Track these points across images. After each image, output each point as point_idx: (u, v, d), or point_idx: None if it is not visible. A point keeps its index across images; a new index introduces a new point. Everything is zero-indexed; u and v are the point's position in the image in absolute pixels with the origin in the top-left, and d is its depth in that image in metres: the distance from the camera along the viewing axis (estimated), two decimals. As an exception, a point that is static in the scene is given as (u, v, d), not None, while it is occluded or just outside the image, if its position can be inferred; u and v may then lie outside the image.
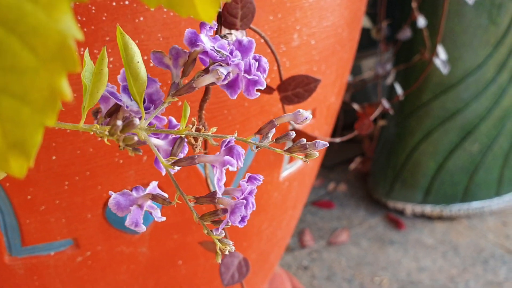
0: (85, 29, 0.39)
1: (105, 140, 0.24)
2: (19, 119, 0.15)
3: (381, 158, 1.22)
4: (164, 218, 0.30)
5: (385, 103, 0.71)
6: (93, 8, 0.38)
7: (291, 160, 0.60)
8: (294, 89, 0.44)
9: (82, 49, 0.39)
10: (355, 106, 0.73)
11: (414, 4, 0.82)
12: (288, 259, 1.07)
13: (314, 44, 0.52)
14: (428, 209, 1.18)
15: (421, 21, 0.82)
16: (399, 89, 0.85)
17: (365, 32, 1.12)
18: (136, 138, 0.23)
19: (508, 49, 1.03)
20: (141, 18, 0.40)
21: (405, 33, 0.88)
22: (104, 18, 0.39)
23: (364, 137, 1.24)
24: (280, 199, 0.61)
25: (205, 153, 0.39)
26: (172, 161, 0.27)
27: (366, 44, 1.40)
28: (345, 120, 1.25)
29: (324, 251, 1.10)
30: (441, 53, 0.75)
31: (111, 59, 0.40)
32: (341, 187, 1.27)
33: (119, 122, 0.23)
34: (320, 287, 1.00)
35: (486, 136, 1.11)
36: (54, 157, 0.43)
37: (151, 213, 0.30)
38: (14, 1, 0.14)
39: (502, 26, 1.01)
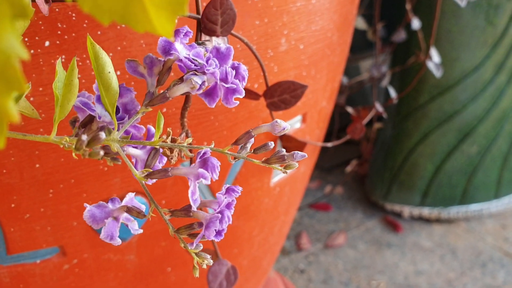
0: (66, 37, 0.38)
1: (73, 154, 0.23)
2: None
3: (378, 160, 1.22)
4: (141, 231, 0.29)
5: (379, 107, 0.70)
6: (74, 15, 0.38)
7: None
8: (281, 95, 0.43)
9: (63, 56, 0.38)
10: (349, 110, 0.72)
11: (408, 6, 0.81)
12: (284, 262, 1.06)
13: (303, 49, 0.51)
14: (426, 211, 1.18)
15: (416, 23, 0.81)
16: (392, 92, 0.85)
17: (362, 34, 1.12)
18: (101, 153, 0.23)
19: (506, 50, 1.02)
20: (123, 25, 0.39)
21: (400, 35, 0.87)
22: (85, 25, 0.38)
23: (361, 139, 1.23)
24: (272, 205, 0.60)
25: (180, 166, 0.38)
26: (146, 173, 0.27)
27: (364, 45, 1.40)
28: (341, 123, 1.24)
29: (321, 254, 1.10)
30: (435, 56, 0.74)
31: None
32: (338, 189, 1.26)
33: (84, 137, 0.22)
34: (316, 291, 0.99)
35: (484, 137, 1.10)
36: (37, 165, 0.42)
37: (127, 226, 0.30)
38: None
39: (499, 27, 1.00)
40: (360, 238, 1.15)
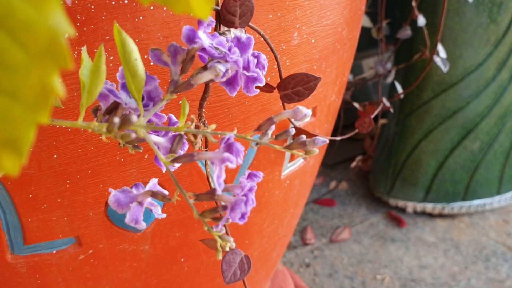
0: (85, 28, 0.39)
1: (103, 137, 0.24)
2: (11, 117, 0.15)
3: (382, 156, 1.22)
4: (164, 215, 0.30)
5: (386, 102, 0.71)
6: (93, 7, 0.39)
7: (292, 158, 0.60)
8: (294, 87, 0.44)
9: (82, 48, 0.39)
10: (356, 105, 0.73)
11: (414, 3, 0.82)
12: (290, 257, 1.07)
13: (314, 43, 0.52)
14: (429, 207, 1.18)
15: (421, 20, 0.82)
16: (399, 88, 0.86)
17: (365, 32, 1.12)
18: (133, 135, 0.23)
19: (509, 48, 1.03)
20: (141, 17, 0.40)
21: (405, 32, 0.88)
22: (103, 17, 0.39)
23: (365, 135, 1.24)
24: (282, 197, 0.61)
25: (205, 151, 0.39)
26: (172, 158, 0.27)
27: (367, 44, 1.41)
28: (345, 119, 1.25)
29: (326, 249, 1.11)
30: (441, 51, 0.75)
31: (111, 57, 0.41)
32: (342, 185, 1.27)
33: (117, 119, 0.23)
34: (322, 285, 1.00)
35: (487, 134, 1.11)
36: (55, 156, 0.43)
37: (151, 210, 0.31)
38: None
39: (502, 24, 1.01)
40: (364, 233, 1.15)
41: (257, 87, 0.30)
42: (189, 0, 0.16)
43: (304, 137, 0.29)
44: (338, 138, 0.61)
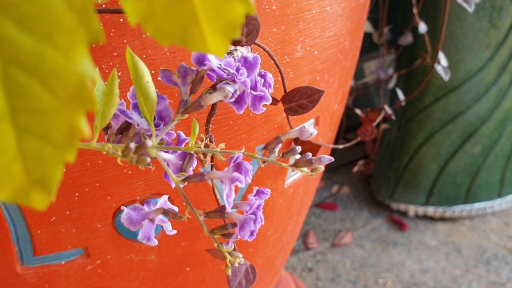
0: (93, 45, 0.40)
1: (118, 160, 0.25)
2: (41, 157, 0.16)
3: (384, 160, 1.23)
4: (175, 232, 0.31)
5: (388, 109, 0.72)
6: (101, 24, 0.39)
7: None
8: (298, 101, 0.45)
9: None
10: (358, 111, 0.74)
11: (415, 10, 0.83)
12: (293, 261, 1.08)
13: (317, 54, 0.52)
14: (430, 210, 1.19)
15: (422, 27, 0.83)
16: (401, 95, 0.86)
17: (367, 36, 1.13)
18: (148, 159, 0.24)
19: (509, 52, 1.04)
20: (148, 34, 0.41)
21: (407, 39, 0.89)
22: (111, 34, 0.40)
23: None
24: (285, 205, 0.62)
25: (211, 165, 0.39)
26: (183, 177, 0.28)
27: (368, 47, 1.41)
28: (347, 123, 1.26)
29: (328, 253, 1.11)
30: (442, 59, 0.75)
31: (119, 73, 0.41)
32: (344, 189, 1.28)
33: (132, 145, 0.24)
34: (324, 290, 1.01)
35: (487, 138, 1.11)
36: (64, 169, 0.44)
37: (162, 227, 0.31)
38: (35, 46, 0.15)
39: (502, 29, 1.01)
40: (366, 237, 1.16)
41: (264, 105, 0.31)
42: (205, 41, 0.17)
43: (310, 155, 0.30)
44: (341, 146, 0.62)
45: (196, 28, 0.17)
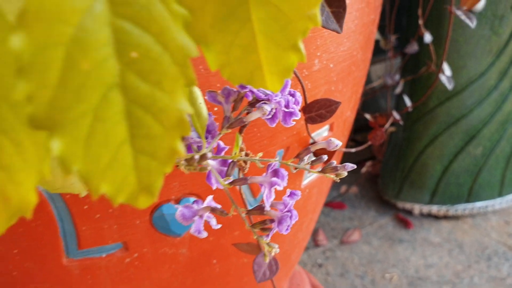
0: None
1: (182, 168, 0.30)
2: (149, 170, 0.21)
3: (390, 161, 1.29)
4: (219, 226, 0.36)
5: (396, 115, 0.77)
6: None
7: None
8: (318, 111, 0.50)
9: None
10: (367, 116, 0.79)
11: (420, 22, 0.88)
12: (303, 257, 1.13)
13: (332, 67, 0.58)
14: (434, 209, 1.25)
15: (428, 37, 0.88)
16: (408, 101, 0.92)
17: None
18: (209, 168, 0.30)
19: (510, 58, 1.09)
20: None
21: (413, 47, 0.94)
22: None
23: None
24: (302, 204, 0.67)
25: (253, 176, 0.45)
26: (229, 181, 0.34)
27: (374, 50, 1.46)
28: (355, 124, 1.31)
29: (337, 250, 1.17)
30: (446, 69, 0.81)
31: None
32: (353, 189, 1.34)
33: (197, 157, 0.29)
34: (334, 284, 1.06)
35: (489, 140, 1.17)
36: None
37: (209, 222, 0.37)
38: (149, 90, 0.20)
39: (503, 36, 1.07)
40: (373, 234, 1.22)
41: (293, 120, 0.37)
42: (265, 81, 0.23)
43: (335, 162, 0.35)
44: (353, 150, 0.67)
45: (260, 72, 0.23)
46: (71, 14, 0.17)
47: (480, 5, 1.04)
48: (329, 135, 0.65)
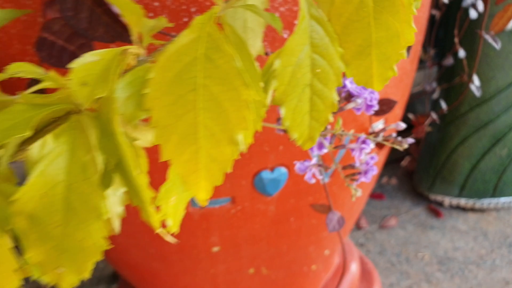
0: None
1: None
2: (314, 128, 0.41)
3: (424, 158, 1.46)
4: (322, 177, 0.56)
5: (434, 115, 0.96)
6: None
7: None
8: (380, 107, 0.69)
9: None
10: (410, 116, 0.98)
11: (456, 40, 1.06)
12: (347, 238, 1.32)
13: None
14: (463, 201, 1.42)
15: (462, 53, 1.06)
16: (443, 105, 1.10)
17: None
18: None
19: (534, 72, 1.26)
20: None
21: (449, 61, 1.12)
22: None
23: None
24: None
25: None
26: (331, 148, 0.53)
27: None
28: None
29: (377, 233, 1.35)
30: (476, 80, 0.99)
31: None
32: (392, 180, 1.52)
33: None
34: (373, 260, 1.25)
35: (514, 142, 1.34)
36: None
37: (314, 174, 0.56)
38: (321, 87, 0.40)
39: (529, 52, 1.24)
40: (408, 221, 1.40)
41: (373, 111, 0.56)
42: (373, 82, 0.42)
43: (399, 137, 0.54)
44: (406, 146, 0.86)
45: (371, 78, 0.42)
46: (297, 50, 0.37)
47: (510, 25, 1.21)
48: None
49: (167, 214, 0.40)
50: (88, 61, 0.33)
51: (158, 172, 0.46)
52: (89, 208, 0.34)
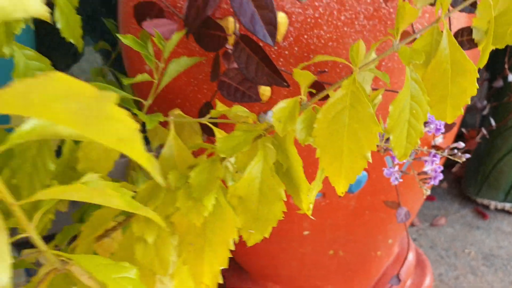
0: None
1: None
2: (408, 145, 0.62)
3: (473, 166, 1.64)
4: (396, 182, 0.77)
5: (484, 131, 1.15)
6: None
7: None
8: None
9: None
10: (463, 130, 1.17)
11: (506, 66, 1.25)
12: (402, 232, 1.52)
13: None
14: (507, 206, 1.59)
15: (510, 77, 1.24)
16: (493, 122, 1.28)
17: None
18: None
19: None
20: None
21: (499, 83, 1.31)
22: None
23: (461, 150, 1.66)
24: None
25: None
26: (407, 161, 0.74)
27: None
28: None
29: (428, 230, 1.54)
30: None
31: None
32: (443, 184, 1.70)
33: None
34: (425, 253, 1.44)
35: (555, 155, 1.50)
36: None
37: (396, 178, 0.77)
38: (418, 125, 0.61)
39: None
40: (456, 221, 1.58)
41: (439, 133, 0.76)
42: (446, 118, 0.62)
43: (459, 153, 0.74)
44: (464, 158, 1.06)
45: (445, 109, 0.63)
46: (402, 100, 0.58)
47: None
48: (442, 141, 1.04)
49: (311, 201, 0.62)
50: (280, 106, 0.55)
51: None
52: (274, 194, 0.57)
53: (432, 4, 0.61)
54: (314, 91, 0.61)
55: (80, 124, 0.29)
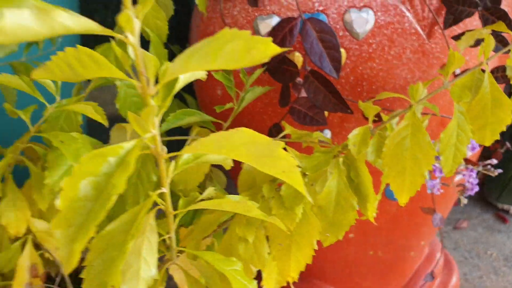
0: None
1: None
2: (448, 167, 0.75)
3: (494, 174, 1.77)
4: (439, 192, 0.90)
5: (508, 144, 1.27)
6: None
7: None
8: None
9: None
10: (488, 144, 1.30)
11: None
12: (428, 235, 1.65)
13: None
14: (526, 211, 1.72)
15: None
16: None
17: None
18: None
19: None
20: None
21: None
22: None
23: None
24: (450, 195, 1.19)
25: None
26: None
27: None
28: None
29: (451, 232, 1.67)
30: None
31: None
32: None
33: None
34: (450, 254, 1.57)
35: None
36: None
37: (437, 189, 0.90)
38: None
39: None
40: (478, 225, 1.71)
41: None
42: (485, 142, 0.75)
43: (492, 168, 0.87)
44: (492, 170, 1.19)
45: (485, 134, 0.76)
46: (452, 128, 0.71)
47: None
48: (472, 154, 1.17)
49: (375, 210, 0.75)
50: (354, 133, 0.69)
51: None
52: (348, 204, 0.70)
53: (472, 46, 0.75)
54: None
55: (257, 161, 0.43)
